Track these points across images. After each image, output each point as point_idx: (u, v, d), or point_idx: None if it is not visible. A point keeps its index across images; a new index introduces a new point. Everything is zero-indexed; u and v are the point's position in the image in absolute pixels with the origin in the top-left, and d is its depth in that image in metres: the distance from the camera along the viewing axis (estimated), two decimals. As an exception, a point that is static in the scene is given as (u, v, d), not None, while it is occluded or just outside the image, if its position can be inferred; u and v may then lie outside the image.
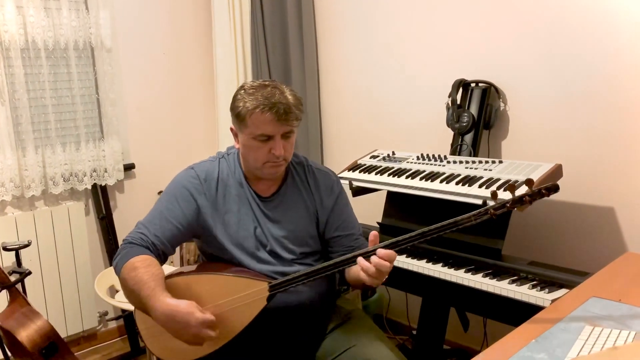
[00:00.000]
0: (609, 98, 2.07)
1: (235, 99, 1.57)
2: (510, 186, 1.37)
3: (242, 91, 1.56)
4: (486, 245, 2.00)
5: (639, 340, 1.17)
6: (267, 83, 1.56)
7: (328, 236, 1.68)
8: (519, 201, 1.33)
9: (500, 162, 2.10)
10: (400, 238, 1.38)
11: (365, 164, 2.40)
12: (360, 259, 1.37)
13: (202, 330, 1.37)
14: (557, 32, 2.18)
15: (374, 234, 1.38)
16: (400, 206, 2.34)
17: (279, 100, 1.50)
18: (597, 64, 2.09)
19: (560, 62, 2.19)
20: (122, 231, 3.02)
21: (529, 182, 1.34)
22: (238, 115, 1.55)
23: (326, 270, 1.44)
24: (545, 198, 2.22)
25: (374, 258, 1.35)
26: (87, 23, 2.81)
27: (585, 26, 2.10)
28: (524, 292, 1.70)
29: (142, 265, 1.46)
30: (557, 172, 1.96)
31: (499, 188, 1.89)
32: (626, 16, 1.99)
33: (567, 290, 1.66)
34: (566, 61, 2.17)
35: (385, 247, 1.37)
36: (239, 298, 1.46)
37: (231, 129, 1.63)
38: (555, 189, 1.34)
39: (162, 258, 1.57)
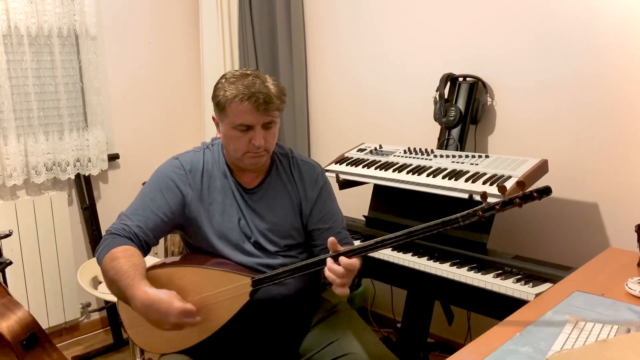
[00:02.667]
0: (595, 95, 2.09)
1: (216, 87, 1.55)
2: (501, 188, 1.33)
3: (223, 80, 1.55)
4: (471, 239, 2.01)
5: (628, 334, 1.18)
6: (248, 72, 1.54)
7: (310, 228, 1.67)
8: (508, 203, 1.30)
9: (487, 156, 2.11)
10: (386, 237, 1.36)
11: (352, 157, 2.40)
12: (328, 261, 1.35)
13: (182, 320, 1.35)
14: (545, 29, 2.19)
15: (331, 241, 1.36)
16: (386, 199, 2.34)
17: (259, 90, 1.48)
18: (584, 62, 2.10)
19: (547, 59, 2.20)
20: (106, 222, 2.99)
21: (520, 184, 1.30)
22: (218, 104, 1.53)
23: (309, 267, 1.43)
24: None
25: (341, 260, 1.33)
26: (71, 10, 2.76)
27: (573, 24, 2.11)
28: (509, 286, 1.71)
29: (123, 255, 1.44)
30: (542, 167, 1.97)
31: (485, 182, 1.90)
32: (613, 14, 2.01)
33: (551, 284, 1.67)
34: (554, 58, 2.18)
35: (368, 247, 1.35)
36: (221, 292, 1.45)
37: (213, 118, 1.61)
38: (547, 191, 1.31)
39: (145, 249, 1.55)
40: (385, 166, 2.21)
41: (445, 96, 2.38)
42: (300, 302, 1.63)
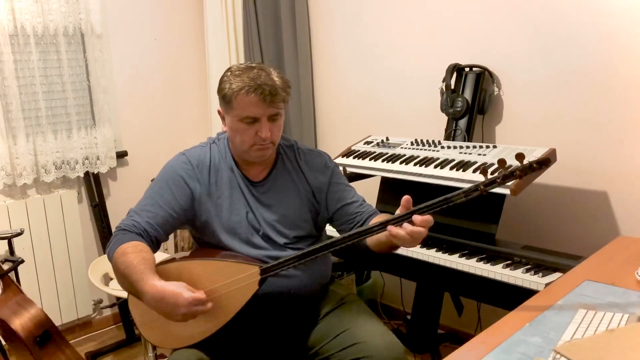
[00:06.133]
0: (602, 83, 2.07)
1: (221, 80, 1.56)
2: (501, 161, 1.32)
3: (229, 73, 1.55)
4: (480, 229, 2.01)
5: (636, 323, 1.18)
6: (253, 65, 1.55)
7: (332, 210, 1.66)
8: (509, 176, 1.29)
9: (494, 147, 2.10)
10: (390, 217, 1.36)
11: (359, 150, 2.40)
12: (391, 228, 1.32)
13: (192, 309, 1.35)
14: (551, 17, 2.17)
15: (407, 199, 1.35)
16: (394, 192, 2.34)
17: (265, 82, 1.49)
18: (591, 49, 2.08)
19: (554, 47, 2.18)
20: (115, 219, 3.00)
21: (519, 156, 1.29)
22: (224, 97, 1.54)
23: (316, 252, 1.42)
24: (540, 182, 2.22)
25: (407, 225, 1.31)
26: (76, 9, 2.77)
27: (579, 11, 2.09)
28: (518, 277, 1.71)
29: (133, 250, 1.46)
30: (551, 156, 1.96)
31: (492, 173, 1.89)
32: (620, 2, 1.98)
33: (561, 274, 1.67)
34: (560, 46, 2.16)
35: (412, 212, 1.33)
36: (230, 283, 1.46)
37: (219, 112, 1.62)
38: (545, 162, 1.29)
39: (155, 245, 1.57)
40: (393, 158, 2.21)
41: (452, 87, 2.37)
42: (308, 295, 1.64)
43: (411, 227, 1.31)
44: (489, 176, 1.32)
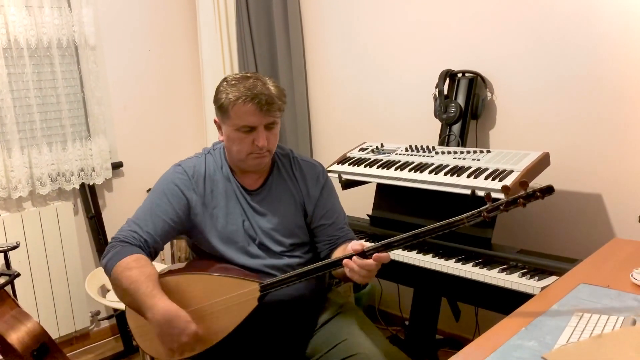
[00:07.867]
0: (595, 86, 2.08)
1: (218, 90, 1.58)
2: (505, 188, 1.35)
3: (225, 83, 1.57)
4: (476, 234, 2.01)
5: (622, 328, 1.18)
6: (249, 75, 1.57)
7: (313, 225, 1.69)
8: (512, 203, 1.32)
9: (488, 151, 2.11)
10: (392, 240, 1.37)
11: (354, 157, 2.40)
12: (345, 261, 1.37)
13: (190, 343, 1.40)
14: (543, 21, 2.18)
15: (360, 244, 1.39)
16: (390, 198, 2.34)
17: (261, 92, 1.51)
18: (582, 53, 2.10)
19: (546, 51, 2.19)
20: (112, 230, 2.99)
21: (523, 184, 1.32)
22: (221, 107, 1.55)
23: (318, 270, 1.44)
24: (534, 186, 2.23)
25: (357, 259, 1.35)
26: (70, 21, 2.78)
27: (571, 15, 2.11)
28: (514, 281, 1.71)
29: (137, 266, 1.46)
30: (544, 160, 1.97)
31: (487, 178, 1.90)
32: (611, 5, 2.00)
33: (557, 277, 1.67)
34: (552, 50, 2.18)
35: (377, 249, 1.36)
36: (230, 298, 1.46)
37: (215, 121, 1.63)
38: (549, 190, 1.32)
39: (153, 255, 1.57)
40: (387, 165, 2.22)
41: (445, 92, 2.38)
42: (306, 303, 1.64)
43: (362, 260, 1.34)
44: (492, 203, 1.34)
